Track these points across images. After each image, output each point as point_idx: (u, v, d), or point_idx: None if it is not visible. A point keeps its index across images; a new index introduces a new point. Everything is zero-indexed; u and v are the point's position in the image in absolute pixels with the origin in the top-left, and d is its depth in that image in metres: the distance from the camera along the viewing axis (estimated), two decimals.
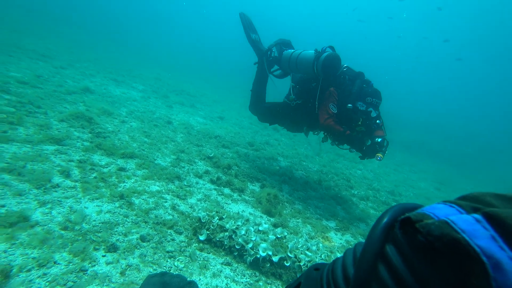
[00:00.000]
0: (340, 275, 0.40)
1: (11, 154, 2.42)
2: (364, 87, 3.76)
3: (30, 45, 7.88)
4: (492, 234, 0.28)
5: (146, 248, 2.15)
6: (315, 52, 3.76)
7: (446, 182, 9.99)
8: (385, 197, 5.61)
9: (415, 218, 0.33)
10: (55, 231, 1.85)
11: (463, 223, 0.29)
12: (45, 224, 1.86)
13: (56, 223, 1.94)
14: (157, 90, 9.07)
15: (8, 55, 5.89)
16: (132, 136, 4.40)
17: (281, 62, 4.30)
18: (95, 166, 3.02)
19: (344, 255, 0.43)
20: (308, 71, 3.89)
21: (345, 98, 3.79)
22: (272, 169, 5.02)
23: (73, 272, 1.63)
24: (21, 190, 2.04)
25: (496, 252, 0.27)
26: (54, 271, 1.56)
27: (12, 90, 3.85)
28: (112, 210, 2.42)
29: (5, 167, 2.19)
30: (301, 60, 3.89)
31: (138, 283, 1.77)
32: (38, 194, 2.11)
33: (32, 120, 3.29)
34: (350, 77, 3.90)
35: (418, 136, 18.31)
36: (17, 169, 2.21)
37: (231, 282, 2.10)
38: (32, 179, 2.20)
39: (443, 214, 0.32)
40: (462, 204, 0.33)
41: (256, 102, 4.71)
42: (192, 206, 3.02)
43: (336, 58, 3.75)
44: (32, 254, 1.58)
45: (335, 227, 3.57)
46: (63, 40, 12.41)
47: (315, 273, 0.47)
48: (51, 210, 2.03)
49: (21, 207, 1.88)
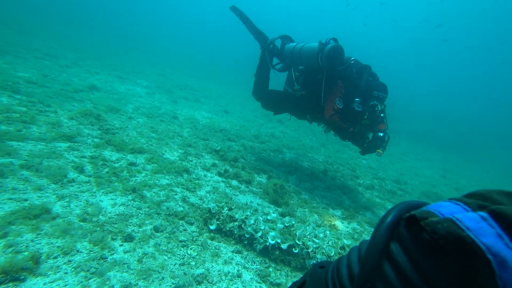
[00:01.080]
0: (345, 272, 0.41)
1: (28, 151, 2.52)
2: (370, 80, 3.75)
3: (35, 45, 7.98)
4: (498, 232, 0.28)
5: (160, 238, 2.25)
6: (319, 44, 3.75)
7: (452, 170, 9.94)
8: (390, 186, 5.63)
9: (420, 216, 0.33)
10: (75, 223, 1.95)
11: (469, 221, 0.29)
12: (65, 216, 1.96)
13: (75, 215, 2.04)
14: (161, 85, 9.12)
15: (15, 55, 5.98)
16: (139, 131, 4.48)
17: (283, 55, 4.29)
18: (106, 161, 3.11)
19: (349, 253, 0.43)
20: (312, 63, 3.87)
21: (352, 91, 3.78)
22: (278, 161, 5.08)
23: (95, 259, 1.73)
24: (40, 185, 2.14)
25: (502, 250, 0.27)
26: (77, 258, 1.66)
27: (22, 90, 3.95)
28: (125, 203, 2.52)
29: (24, 164, 2.29)
30: (304, 52, 3.88)
31: (155, 269, 1.87)
32: (56, 189, 2.21)
33: (44, 119, 3.39)
34: (358, 70, 3.88)
35: (423, 125, 18.11)
36: (35, 165, 2.31)
37: (242, 268, 2.19)
38: (49, 174, 2.30)
39: (449, 212, 0.32)
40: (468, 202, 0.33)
41: (259, 87, 4.68)
42: (201, 198, 3.10)
43: (340, 49, 3.72)
44: (57, 243, 1.68)
45: (342, 216, 3.63)
46: (66, 39, 12.48)
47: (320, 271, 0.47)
48: (70, 203, 2.13)
49: (42, 201, 1.99)
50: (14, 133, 2.69)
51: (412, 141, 13.46)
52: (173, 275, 1.89)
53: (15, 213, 1.76)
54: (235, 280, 2.04)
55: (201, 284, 1.89)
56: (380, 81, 3.80)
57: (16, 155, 2.40)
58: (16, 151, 2.44)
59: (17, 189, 2.02)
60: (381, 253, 0.35)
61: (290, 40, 4.52)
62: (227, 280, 2.01)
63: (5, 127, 2.77)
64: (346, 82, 3.85)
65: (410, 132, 14.38)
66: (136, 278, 1.74)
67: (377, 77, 3.84)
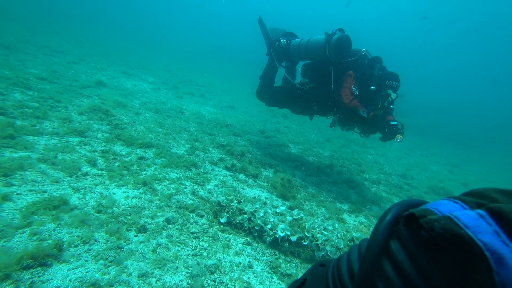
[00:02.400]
0: (345, 270, 0.41)
1: (43, 145, 2.58)
2: (383, 70, 3.75)
3: (43, 41, 8.06)
4: (495, 230, 0.28)
5: (172, 229, 2.30)
6: (326, 35, 3.74)
7: (459, 165, 9.85)
8: (397, 181, 5.62)
9: (419, 214, 0.33)
10: (91, 214, 2.01)
11: (467, 219, 0.30)
12: (82, 208, 2.02)
13: (91, 207, 2.09)
14: (166, 81, 9.16)
15: (25, 52, 6.06)
16: (147, 127, 4.54)
17: (289, 51, 4.28)
18: (117, 155, 3.17)
19: (349, 251, 0.44)
20: (319, 56, 3.86)
21: (366, 80, 3.77)
22: (284, 156, 5.10)
23: (112, 249, 1.78)
24: (57, 178, 2.20)
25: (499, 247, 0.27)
26: (96, 247, 1.72)
27: (33, 86, 4.01)
28: (137, 195, 2.57)
29: (40, 158, 2.35)
30: (311, 45, 3.87)
31: (169, 259, 1.92)
32: (72, 182, 2.27)
33: (55, 114, 3.45)
34: (369, 61, 3.87)
35: (430, 119, 17.89)
36: (50, 159, 2.37)
37: (253, 260, 2.24)
38: (65, 168, 2.36)
39: (447, 210, 0.32)
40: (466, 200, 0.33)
41: (264, 88, 4.75)
42: (210, 191, 3.15)
43: (347, 38, 3.70)
44: (76, 233, 1.74)
45: (349, 210, 3.66)
46: (72, 35, 12.55)
47: (320, 269, 0.47)
48: (85, 196, 2.19)
49: (60, 193, 2.05)
50: (29, 128, 2.76)
51: (419, 136, 13.34)
52: (187, 265, 1.94)
53: (37, 204, 1.82)
54: (247, 270, 2.09)
55: (214, 273, 1.94)
56: (391, 71, 3.79)
57: (32, 149, 2.46)
58: (33, 145, 2.51)
59: (36, 182, 2.08)
60: (380, 251, 0.35)
61: (294, 36, 4.53)
62: (238, 270, 2.06)
63: (21, 122, 2.83)
64: (358, 73, 3.83)
65: (417, 127, 14.25)
66: (152, 267, 1.79)
67: (386, 69, 3.83)
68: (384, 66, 3.85)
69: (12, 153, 2.30)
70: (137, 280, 1.66)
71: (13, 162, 2.12)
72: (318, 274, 0.46)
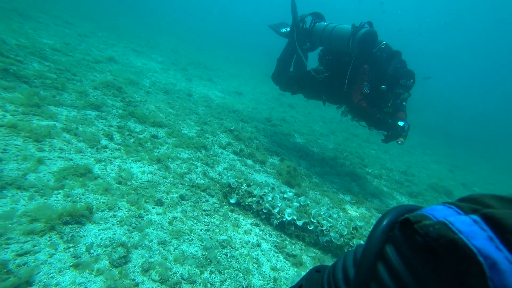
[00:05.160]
0: (340, 276, 0.41)
1: (65, 116, 2.66)
2: (398, 67, 3.64)
3: (54, 11, 7.93)
4: (489, 235, 0.28)
5: (186, 205, 2.42)
6: (352, 27, 3.60)
7: (460, 166, 9.98)
8: (398, 177, 5.75)
9: (414, 219, 0.33)
10: (112, 184, 2.12)
11: (461, 224, 0.30)
12: (104, 178, 2.13)
13: (112, 178, 2.20)
14: (175, 62, 9.09)
15: (37, 21, 6.00)
16: (158, 106, 4.59)
17: (312, 34, 4.15)
18: (132, 132, 3.25)
19: (345, 257, 0.43)
20: (341, 46, 3.74)
21: (379, 77, 3.70)
22: (290, 145, 5.19)
23: (134, 217, 1.91)
24: (80, 148, 2.29)
25: (493, 253, 0.27)
26: (120, 214, 1.84)
27: (49, 57, 4.03)
28: (152, 171, 2.68)
29: (64, 128, 2.44)
30: (335, 34, 3.74)
31: (184, 232, 2.05)
32: (93, 153, 2.37)
33: (72, 87, 3.50)
34: (387, 55, 3.75)
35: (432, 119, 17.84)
36: (73, 130, 2.46)
37: (261, 239, 2.38)
38: (86, 139, 2.45)
39: (442, 215, 0.32)
40: (461, 206, 0.34)
41: (281, 72, 4.64)
42: (219, 173, 3.25)
43: (373, 35, 3.58)
44: (101, 199, 1.86)
45: (351, 201, 3.79)
46: (82, 7, 12.29)
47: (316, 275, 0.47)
48: (106, 167, 2.30)
49: (84, 162, 2.15)
50: (50, 98, 2.82)
51: (421, 135, 13.39)
52: (201, 238, 2.07)
53: (66, 170, 1.93)
54: (255, 248, 2.23)
55: (225, 248, 2.08)
56: (408, 68, 3.69)
57: (56, 118, 2.54)
58: (56, 115, 2.58)
59: (63, 149, 2.18)
60: (376, 256, 0.35)
61: (321, 18, 4.35)
62: (247, 247, 2.20)
63: (43, 92, 2.89)
64: (374, 68, 3.74)
65: (419, 125, 14.26)
66: (169, 237, 1.92)
67: (406, 64, 3.71)
68: (404, 60, 3.74)
69: (40, 121, 2.39)
70: (157, 246, 1.79)
71: (42, 129, 2.21)
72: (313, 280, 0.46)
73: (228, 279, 1.80)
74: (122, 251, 1.58)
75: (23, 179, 1.72)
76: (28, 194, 1.65)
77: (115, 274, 1.45)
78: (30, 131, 2.13)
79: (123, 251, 1.59)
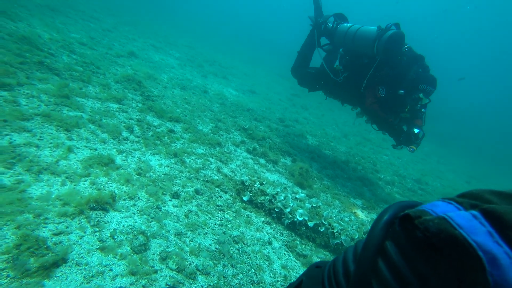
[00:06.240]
0: (340, 271, 0.41)
1: (90, 108, 2.80)
2: (420, 72, 3.52)
3: (80, 6, 8.24)
4: (488, 230, 0.28)
5: (201, 200, 2.49)
6: (378, 29, 3.49)
7: (477, 177, 9.65)
8: (411, 184, 5.64)
9: (414, 214, 0.34)
10: (133, 175, 2.22)
11: (461, 219, 0.30)
12: (125, 168, 2.23)
13: (132, 169, 2.30)
14: (192, 59, 9.24)
15: (66, 16, 6.26)
16: (175, 102, 4.70)
17: (334, 35, 4.08)
18: (150, 125, 3.36)
19: (345, 252, 0.44)
20: (365, 49, 3.64)
21: (398, 81, 3.60)
22: (302, 146, 5.20)
23: (152, 208, 1.99)
24: (104, 139, 2.41)
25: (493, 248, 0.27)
26: (139, 203, 1.93)
27: (76, 50, 4.22)
28: (169, 165, 2.77)
29: (90, 119, 2.57)
30: (360, 35, 3.64)
31: (199, 225, 2.12)
32: (115, 144, 2.48)
33: (96, 80, 3.65)
34: (409, 59, 3.62)
35: (451, 128, 17.28)
36: (97, 121, 2.58)
37: (272, 237, 2.42)
38: (109, 131, 2.57)
39: (442, 211, 0.33)
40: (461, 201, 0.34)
41: (300, 65, 4.57)
42: (233, 170, 3.31)
43: (400, 38, 3.45)
44: (123, 189, 1.96)
45: (362, 206, 3.76)
46: (105, 2, 12.68)
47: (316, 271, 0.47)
48: (127, 158, 2.40)
49: (107, 152, 2.26)
50: (77, 90, 2.96)
51: (437, 144, 13.03)
52: (214, 232, 2.13)
53: (92, 159, 2.04)
54: (266, 246, 2.27)
55: (238, 243, 2.13)
56: (430, 74, 3.57)
57: (83, 110, 2.67)
58: (82, 107, 2.72)
59: (89, 139, 2.30)
60: (376, 251, 0.35)
61: (344, 19, 4.28)
62: (259, 244, 2.24)
63: (71, 84, 3.04)
64: (393, 71, 3.65)
65: (436, 134, 13.86)
66: (185, 229, 2.00)
67: (429, 69, 3.58)
68: (427, 65, 3.61)
69: (69, 111, 2.52)
70: (174, 237, 1.86)
71: (71, 119, 2.34)
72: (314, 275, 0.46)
73: (240, 273, 1.85)
74: (142, 238, 1.66)
75: (56, 165, 1.84)
76: (61, 179, 1.76)
77: (136, 259, 1.53)
78: (61, 120, 2.26)
79: (143, 239, 1.67)
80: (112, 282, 1.33)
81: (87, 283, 1.26)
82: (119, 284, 1.31)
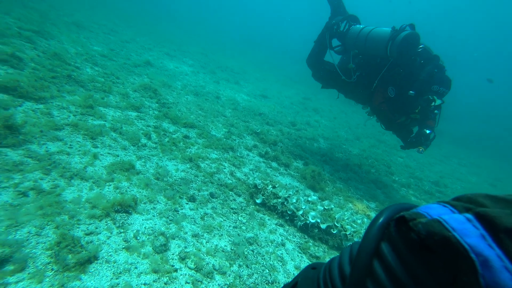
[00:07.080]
0: (336, 273, 0.41)
1: (111, 116, 2.99)
2: (435, 73, 3.42)
3: (102, 20, 8.75)
4: (481, 233, 0.29)
5: (215, 203, 2.59)
6: (392, 31, 3.42)
7: (504, 180, 9.19)
8: (428, 187, 5.49)
9: (409, 217, 0.34)
10: (151, 179, 2.36)
11: (454, 222, 0.30)
12: (144, 173, 2.37)
13: (151, 174, 2.44)
14: (205, 65, 9.50)
15: (90, 30, 6.69)
16: (188, 108, 4.87)
17: (346, 37, 4.05)
18: (166, 132, 3.52)
19: (341, 254, 0.44)
20: (378, 50, 3.58)
21: (409, 82, 3.53)
22: (314, 149, 5.21)
23: (170, 210, 2.11)
24: (124, 146, 2.57)
25: (485, 250, 0.28)
26: (159, 207, 2.06)
27: (98, 62, 4.50)
28: (185, 170, 2.89)
29: (112, 127, 2.75)
30: (372, 37, 3.58)
31: (215, 227, 2.21)
32: (135, 150, 2.64)
33: (116, 89, 3.88)
34: (423, 59, 3.52)
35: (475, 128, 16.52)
36: (118, 129, 2.76)
37: (285, 239, 2.47)
38: (129, 138, 2.73)
39: (436, 213, 0.33)
40: (455, 204, 0.34)
41: (316, 55, 4.50)
42: (246, 174, 3.40)
43: (415, 39, 3.37)
44: (143, 193, 2.09)
45: (376, 208, 3.73)
46: (123, 14, 13.34)
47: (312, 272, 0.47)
48: (146, 164, 2.55)
49: (128, 158, 2.41)
50: (100, 100, 3.18)
51: (457, 145, 12.54)
52: (229, 234, 2.22)
53: (115, 165, 2.20)
54: (280, 247, 2.33)
55: (252, 245, 2.21)
56: (445, 74, 3.47)
57: (105, 118, 2.87)
58: (105, 116, 2.92)
59: (111, 146, 2.47)
60: (371, 253, 0.36)
61: (357, 21, 4.23)
62: (273, 246, 2.30)
63: (95, 95, 3.27)
64: (404, 71, 3.57)
65: (456, 135, 13.32)
66: (202, 230, 2.09)
67: (444, 70, 3.48)
68: (443, 66, 3.50)
69: (93, 120, 2.72)
70: (191, 238, 1.96)
71: (96, 128, 2.53)
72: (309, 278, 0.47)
73: (255, 273, 1.92)
74: (163, 239, 1.77)
75: (84, 171, 2.01)
76: (89, 184, 1.92)
77: (158, 259, 1.64)
78: (87, 129, 2.45)
79: (163, 239, 1.78)
80: (137, 278, 1.45)
81: (116, 279, 1.38)
82: (143, 280, 1.42)
